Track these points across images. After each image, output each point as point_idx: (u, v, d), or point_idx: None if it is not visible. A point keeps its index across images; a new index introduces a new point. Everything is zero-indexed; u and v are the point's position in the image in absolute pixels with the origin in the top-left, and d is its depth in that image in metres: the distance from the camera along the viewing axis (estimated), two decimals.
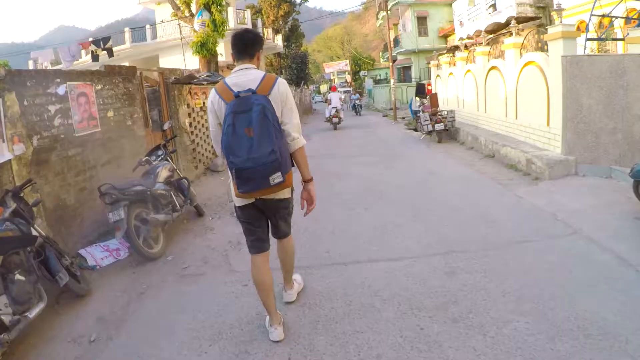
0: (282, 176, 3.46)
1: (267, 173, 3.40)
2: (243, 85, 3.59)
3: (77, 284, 5.11)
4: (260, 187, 3.48)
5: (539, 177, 8.81)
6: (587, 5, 14.53)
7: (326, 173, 10.87)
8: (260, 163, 3.36)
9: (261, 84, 3.62)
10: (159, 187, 6.84)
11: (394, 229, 6.46)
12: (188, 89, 11.13)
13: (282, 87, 3.70)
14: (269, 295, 3.99)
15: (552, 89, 9.19)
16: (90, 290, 5.30)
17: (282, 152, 3.49)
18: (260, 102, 3.43)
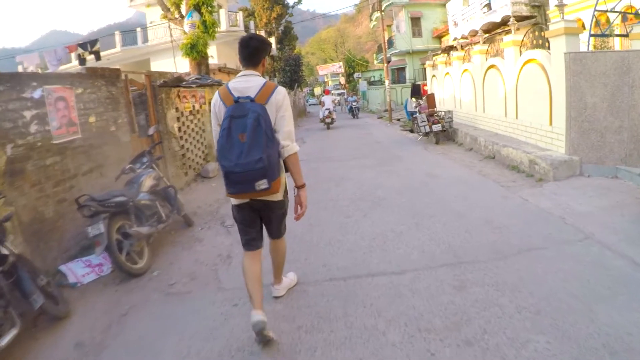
0: (267, 183, 3.61)
1: (253, 179, 3.57)
2: (243, 92, 3.77)
3: (54, 305, 4.68)
4: (247, 191, 3.69)
5: (542, 178, 8.47)
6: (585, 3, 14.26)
7: (321, 177, 10.50)
8: (248, 169, 3.52)
9: (260, 92, 3.78)
10: (142, 197, 6.44)
11: (394, 238, 6.07)
12: (177, 92, 10.72)
13: (279, 96, 3.84)
14: (255, 285, 4.07)
15: (555, 87, 8.88)
16: (70, 312, 4.87)
17: (271, 160, 3.61)
18: (256, 110, 3.61)
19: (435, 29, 38.49)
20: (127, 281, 5.57)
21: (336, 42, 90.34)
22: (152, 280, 5.60)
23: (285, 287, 4.77)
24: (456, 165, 10.92)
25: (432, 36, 38.80)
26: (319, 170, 11.61)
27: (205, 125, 12.43)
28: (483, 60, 13.42)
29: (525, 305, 4.04)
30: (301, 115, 41.25)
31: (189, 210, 8.08)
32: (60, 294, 4.97)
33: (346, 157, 13.79)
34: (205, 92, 12.66)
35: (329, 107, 24.76)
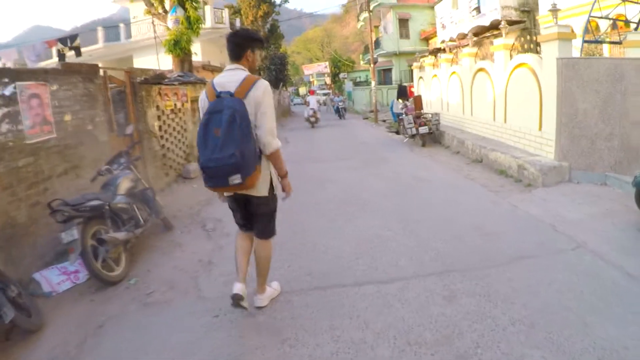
0: (240, 178, 3.65)
1: (226, 173, 3.63)
2: (225, 86, 3.81)
3: (26, 318, 4.38)
4: (221, 185, 3.78)
5: (531, 183, 8.34)
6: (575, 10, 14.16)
7: (306, 179, 10.26)
8: (221, 164, 3.60)
9: (239, 87, 3.78)
10: (119, 200, 6.13)
11: (381, 244, 5.86)
12: (158, 89, 10.41)
13: (258, 92, 3.80)
14: (242, 257, 4.33)
15: (546, 92, 8.75)
16: (43, 325, 4.56)
17: (245, 155, 3.64)
18: (232, 106, 3.64)
19: (422, 31, 38.37)
20: (103, 290, 5.28)
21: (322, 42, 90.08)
22: (129, 288, 5.32)
23: (268, 297, 4.55)
24: (443, 168, 10.78)
25: (419, 38, 38.69)
26: (303, 171, 11.36)
27: (187, 124, 12.14)
28: (472, 63, 13.27)
29: (518, 318, 3.89)
30: (285, 115, 40.94)
31: (169, 213, 7.81)
32: (33, 305, 4.68)
33: (331, 158, 13.60)
34: (188, 90, 12.35)
35: (313, 107, 25.68)
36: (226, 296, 4.46)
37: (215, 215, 7.96)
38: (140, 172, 7.42)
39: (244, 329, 4.13)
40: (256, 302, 4.46)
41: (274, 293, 4.66)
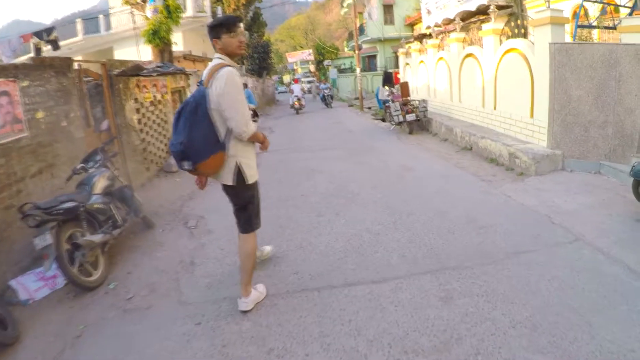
0: (190, 165, 3.83)
1: (179, 159, 3.84)
2: (203, 76, 3.90)
3: (1, 331, 4.11)
4: (180, 169, 3.94)
5: (523, 172, 8.11)
6: None
7: (291, 170, 9.98)
8: (173, 150, 3.84)
9: (207, 75, 3.84)
10: (95, 200, 5.79)
11: (372, 240, 5.58)
12: (136, 81, 10.01)
13: (220, 81, 3.74)
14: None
15: (538, 78, 8.50)
16: (19, 336, 4.27)
17: (194, 143, 3.77)
18: (194, 95, 3.84)
19: (407, 17, 38.08)
20: (82, 295, 4.99)
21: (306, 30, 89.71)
22: (108, 294, 5.02)
23: (253, 300, 4.28)
24: (432, 157, 10.50)
25: (404, 24, 38.39)
26: (289, 161, 11.08)
27: (168, 116, 11.75)
28: (460, 49, 12.97)
29: (519, 319, 3.65)
30: (270, 103, 40.59)
31: (150, 210, 7.50)
32: (9, 316, 4.39)
33: (317, 147, 13.23)
34: (168, 81, 11.96)
35: (297, 94, 27.27)
36: (209, 300, 4.41)
37: (198, 211, 7.68)
38: (119, 168, 7.11)
39: (228, 338, 3.84)
40: (240, 305, 4.22)
41: (259, 297, 4.38)
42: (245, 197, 4.14)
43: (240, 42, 3.92)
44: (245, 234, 4.21)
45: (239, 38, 3.89)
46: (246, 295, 4.24)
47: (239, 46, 3.91)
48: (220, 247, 5.88)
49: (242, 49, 3.95)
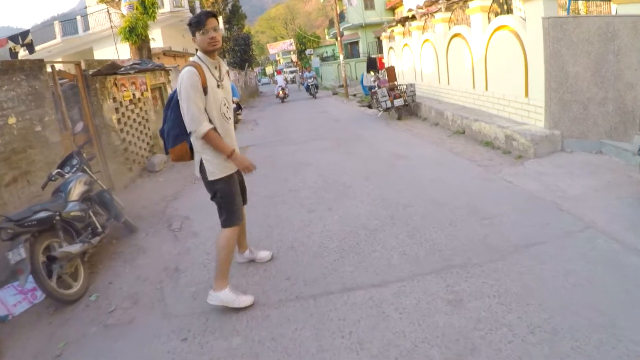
0: (165, 150, 4.20)
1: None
2: None
3: None
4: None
5: (522, 155, 7.73)
6: None
7: (278, 164, 9.55)
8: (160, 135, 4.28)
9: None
10: (72, 207, 5.35)
11: (369, 237, 5.15)
12: (113, 80, 9.53)
13: (178, 79, 3.86)
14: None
15: (531, 55, 8.11)
16: None
17: (168, 132, 4.11)
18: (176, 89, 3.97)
19: (388, 1, 37.69)
20: (62, 310, 4.62)
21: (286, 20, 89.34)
22: (89, 307, 4.63)
23: (221, 300, 4.06)
24: (424, 142, 10.07)
25: (385, 8, 38.08)
26: (275, 155, 10.63)
27: (149, 114, 11.29)
28: (446, 29, 12.49)
29: (538, 323, 3.26)
30: (253, 95, 40.08)
31: (133, 213, 7.09)
32: None
33: (303, 138, 12.75)
34: (147, 78, 11.47)
35: (281, 84, 29.52)
36: (195, 312, 4.12)
37: (182, 211, 7.26)
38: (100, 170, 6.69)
39: (217, 356, 3.44)
40: (208, 297, 4.11)
41: (234, 302, 4.05)
42: (211, 191, 4.15)
43: (211, 39, 3.85)
44: (222, 227, 4.16)
45: (209, 35, 3.83)
46: (216, 290, 4.07)
47: (210, 43, 3.86)
48: (206, 252, 5.46)
49: (213, 45, 3.88)
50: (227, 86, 4.11)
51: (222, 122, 3.99)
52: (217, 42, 3.89)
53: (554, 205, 5.45)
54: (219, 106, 3.94)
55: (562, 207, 5.33)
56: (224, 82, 4.05)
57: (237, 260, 4.88)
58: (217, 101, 3.93)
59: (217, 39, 3.88)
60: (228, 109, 4.09)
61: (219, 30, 3.92)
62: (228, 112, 4.09)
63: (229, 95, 4.13)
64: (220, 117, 3.98)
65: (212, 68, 3.96)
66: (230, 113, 4.15)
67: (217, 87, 3.93)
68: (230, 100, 4.16)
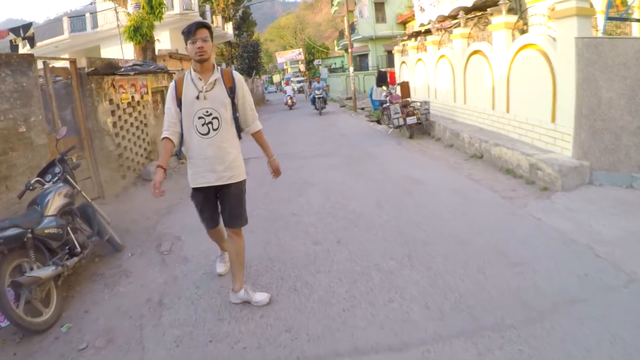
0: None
1: None
2: None
3: None
4: None
5: (548, 187, 7.08)
6: None
7: (281, 182, 8.72)
8: None
9: None
10: (47, 224, 4.67)
11: (383, 282, 4.45)
12: (111, 81, 8.91)
13: None
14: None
15: (561, 77, 7.50)
16: None
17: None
18: None
19: (400, 15, 37.07)
20: (29, 340, 4.05)
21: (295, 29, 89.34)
22: (59, 339, 4.04)
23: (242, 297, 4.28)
24: (439, 166, 9.39)
25: (396, 22, 37.40)
26: None
27: (148, 118, 10.66)
28: (465, 45, 11.87)
29: None
30: (260, 103, 39.55)
31: (121, 227, 6.52)
32: None
33: (309, 153, 12.02)
34: (148, 81, 10.86)
35: (290, 94, 31.61)
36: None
37: (174, 229, 6.64)
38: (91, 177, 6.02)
39: None
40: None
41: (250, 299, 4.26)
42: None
43: (199, 49, 3.87)
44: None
45: (197, 45, 3.86)
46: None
47: (197, 52, 3.88)
48: (195, 284, 4.80)
49: (199, 55, 3.88)
50: (214, 97, 3.98)
51: (191, 135, 4.01)
52: (204, 52, 3.88)
53: (589, 250, 4.80)
54: (190, 119, 3.96)
55: (599, 254, 4.69)
56: (210, 93, 3.97)
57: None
58: (190, 114, 3.96)
59: (204, 49, 3.87)
60: (207, 124, 3.98)
61: (208, 41, 3.92)
62: (203, 127, 3.97)
63: (217, 106, 3.98)
64: (190, 128, 3.98)
65: (197, 79, 3.98)
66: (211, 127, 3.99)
67: (195, 99, 3.94)
68: (218, 111, 3.99)
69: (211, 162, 4.01)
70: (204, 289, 4.63)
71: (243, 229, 4.31)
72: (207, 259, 5.15)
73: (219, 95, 4.00)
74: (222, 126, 4.00)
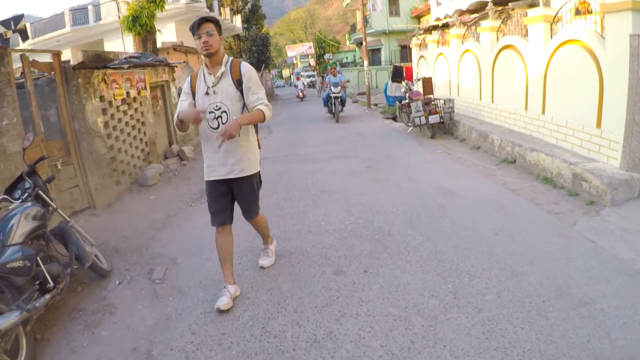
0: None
1: None
2: None
3: None
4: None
5: (594, 201, 6.20)
6: None
7: (293, 188, 7.99)
8: None
9: None
10: (10, 256, 3.69)
11: (427, 331, 3.56)
12: (102, 75, 8.04)
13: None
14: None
15: (609, 78, 6.63)
16: None
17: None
18: None
19: (414, 9, 36.19)
20: None
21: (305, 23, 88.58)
22: None
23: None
24: (469, 172, 8.43)
25: (410, 16, 36.50)
26: (290, 174, 9.07)
27: (146, 116, 9.82)
28: (494, 40, 10.90)
29: None
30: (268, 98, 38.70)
31: (110, 244, 5.78)
32: None
33: (323, 155, 11.00)
34: (146, 75, 9.99)
35: (301, 88, 35.23)
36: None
37: (169, 249, 5.81)
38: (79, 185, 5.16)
39: None
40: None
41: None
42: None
43: (203, 43, 3.91)
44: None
45: (203, 39, 3.89)
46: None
47: (202, 47, 3.93)
48: (191, 329, 3.93)
49: (205, 49, 3.93)
50: (222, 91, 4.05)
51: (204, 130, 4.13)
52: (209, 46, 3.90)
53: None
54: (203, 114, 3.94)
55: None
56: (217, 87, 4.04)
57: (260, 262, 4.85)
58: (201, 109, 3.97)
59: (209, 43, 3.90)
60: (217, 118, 4.05)
61: (214, 34, 3.92)
62: (214, 121, 4.05)
63: (225, 100, 4.04)
64: (203, 123, 4.04)
65: (207, 74, 4.09)
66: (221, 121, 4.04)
67: (204, 94, 4.06)
68: (226, 105, 4.04)
69: (223, 155, 4.11)
70: (202, 336, 3.77)
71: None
72: (205, 292, 4.28)
73: (227, 89, 4.04)
74: (220, 124, 4.04)
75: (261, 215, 4.65)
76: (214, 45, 3.92)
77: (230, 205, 4.35)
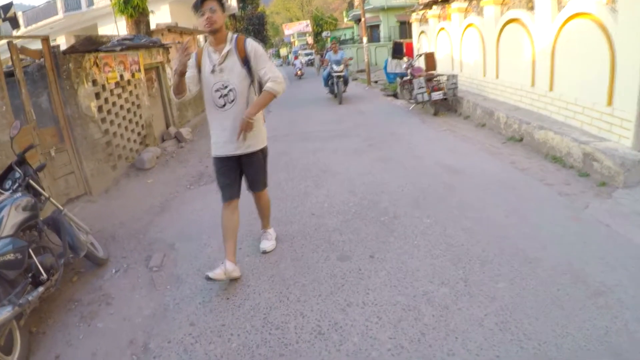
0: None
1: None
2: None
3: None
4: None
5: (606, 182, 5.98)
6: None
7: (295, 168, 7.81)
8: None
9: None
10: (0, 249, 3.51)
11: (438, 322, 3.36)
12: (93, 59, 7.77)
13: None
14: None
15: (622, 54, 6.34)
16: None
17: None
18: None
19: None
20: None
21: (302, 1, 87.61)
22: None
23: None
24: (475, 150, 8.17)
25: None
26: (291, 154, 8.84)
27: (141, 99, 9.57)
28: (498, 13, 10.56)
29: None
30: None
31: (107, 231, 5.62)
32: None
33: (324, 134, 10.76)
34: (140, 57, 9.73)
35: (299, 66, 34.43)
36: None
37: (167, 234, 5.62)
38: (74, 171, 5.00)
39: None
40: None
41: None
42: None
43: (206, 20, 3.87)
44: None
45: (206, 16, 3.86)
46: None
47: (205, 24, 3.90)
48: (189, 320, 3.76)
49: (208, 26, 3.91)
50: (228, 69, 4.03)
51: (210, 108, 4.18)
52: (212, 22, 3.88)
53: None
54: (209, 92, 4.09)
55: None
56: (224, 65, 4.03)
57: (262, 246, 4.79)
58: (208, 88, 4.09)
59: (212, 19, 3.87)
60: (224, 96, 4.07)
61: (217, 11, 3.89)
62: (220, 100, 4.08)
63: (231, 78, 4.04)
64: (209, 101, 4.14)
65: (212, 52, 4.08)
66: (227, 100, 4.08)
67: (210, 73, 4.05)
68: (233, 83, 4.04)
69: (230, 133, 4.11)
70: (200, 327, 3.59)
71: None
72: (204, 280, 4.06)
73: (233, 67, 4.03)
74: (239, 98, 4.06)
75: (266, 191, 4.66)
76: (218, 22, 3.89)
77: (238, 179, 4.38)
